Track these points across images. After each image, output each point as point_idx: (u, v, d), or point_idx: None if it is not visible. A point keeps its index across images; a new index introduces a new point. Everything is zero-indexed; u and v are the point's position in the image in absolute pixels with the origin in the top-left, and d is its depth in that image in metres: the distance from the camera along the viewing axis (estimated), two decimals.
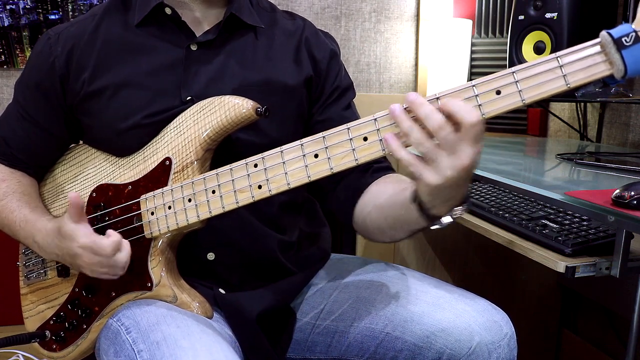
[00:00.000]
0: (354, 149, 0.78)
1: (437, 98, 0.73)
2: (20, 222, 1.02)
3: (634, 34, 0.65)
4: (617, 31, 0.66)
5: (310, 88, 1.08)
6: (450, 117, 0.71)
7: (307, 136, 0.82)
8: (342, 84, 1.12)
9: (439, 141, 0.71)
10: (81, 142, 1.11)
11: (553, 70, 0.69)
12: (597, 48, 0.68)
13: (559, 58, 0.69)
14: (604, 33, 0.67)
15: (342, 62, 1.15)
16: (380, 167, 1.05)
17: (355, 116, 1.11)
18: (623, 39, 0.65)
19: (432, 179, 0.73)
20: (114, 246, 0.90)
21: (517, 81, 0.71)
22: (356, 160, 0.78)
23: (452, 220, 0.82)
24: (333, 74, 1.11)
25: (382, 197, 0.97)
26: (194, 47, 1.02)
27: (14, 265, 1.17)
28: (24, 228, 1.02)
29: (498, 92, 0.71)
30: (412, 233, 0.91)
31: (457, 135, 0.70)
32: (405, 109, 0.73)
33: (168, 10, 1.01)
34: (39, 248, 1.00)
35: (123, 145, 1.01)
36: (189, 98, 0.99)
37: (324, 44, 1.11)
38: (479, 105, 0.72)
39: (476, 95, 0.72)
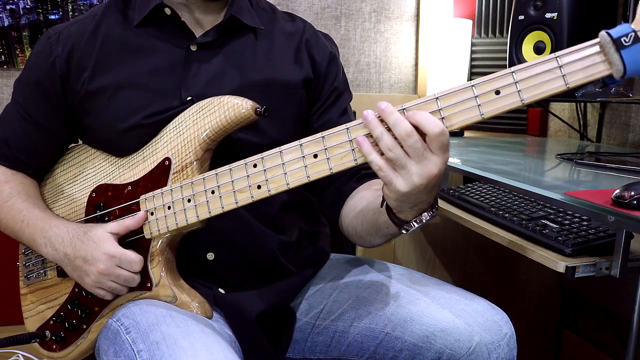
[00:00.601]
0: (353, 149, 0.78)
1: (404, 109, 0.75)
2: (29, 220, 1.02)
3: (633, 34, 0.65)
4: (616, 31, 0.66)
5: (310, 89, 1.09)
6: (417, 129, 0.73)
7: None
8: (339, 86, 1.13)
9: (407, 149, 0.73)
10: (80, 142, 1.11)
11: (552, 71, 0.69)
12: (597, 48, 0.68)
13: (558, 58, 0.69)
14: (603, 33, 0.67)
15: (341, 64, 1.15)
16: (368, 172, 1.07)
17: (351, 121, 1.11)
18: (622, 39, 0.65)
19: (401, 185, 0.75)
20: (142, 265, 0.93)
21: (516, 81, 0.71)
22: (355, 160, 0.78)
23: (421, 224, 0.84)
24: (332, 76, 1.11)
25: (361, 203, 1.00)
26: (193, 48, 1.02)
27: (13, 266, 1.17)
28: (32, 225, 1.02)
29: (497, 92, 0.72)
30: (387, 238, 0.94)
31: (424, 144, 0.73)
32: (377, 117, 0.75)
33: (167, 11, 1.01)
34: (45, 243, 0.99)
35: (123, 145, 1.01)
36: (189, 98, 0.99)
37: (324, 46, 1.12)
38: (478, 105, 0.72)
39: (476, 96, 0.72)
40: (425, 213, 0.83)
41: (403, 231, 0.86)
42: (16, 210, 1.04)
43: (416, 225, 0.84)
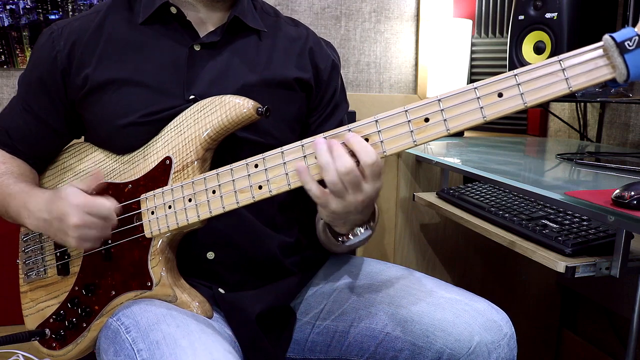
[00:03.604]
0: None
1: (349, 129, 0.79)
2: (16, 193, 1.01)
3: (637, 37, 0.65)
4: (620, 35, 0.66)
5: (310, 94, 1.09)
6: (353, 155, 0.77)
7: None
8: (338, 96, 1.15)
9: (345, 183, 0.78)
10: (83, 138, 1.11)
11: (555, 74, 0.69)
12: (600, 52, 0.68)
13: (561, 61, 0.69)
14: (606, 37, 0.66)
15: (341, 74, 1.17)
16: None
17: None
18: (626, 43, 0.65)
19: (333, 206, 0.81)
20: (112, 205, 0.93)
21: (519, 84, 0.71)
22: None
23: (357, 240, 0.92)
24: (333, 85, 1.13)
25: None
26: (197, 47, 1.02)
27: (13, 265, 1.17)
28: (18, 198, 1.01)
29: (500, 95, 0.71)
30: (342, 247, 0.98)
31: (360, 176, 0.78)
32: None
33: (173, 10, 1.01)
34: (28, 214, 0.98)
35: (124, 142, 1.01)
36: (192, 97, 0.99)
37: (327, 54, 1.13)
38: (481, 107, 0.72)
39: (478, 98, 0.72)
40: (361, 228, 0.90)
41: (339, 242, 0.93)
42: (5, 186, 1.04)
43: (352, 239, 0.91)
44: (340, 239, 0.94)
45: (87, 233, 0.92)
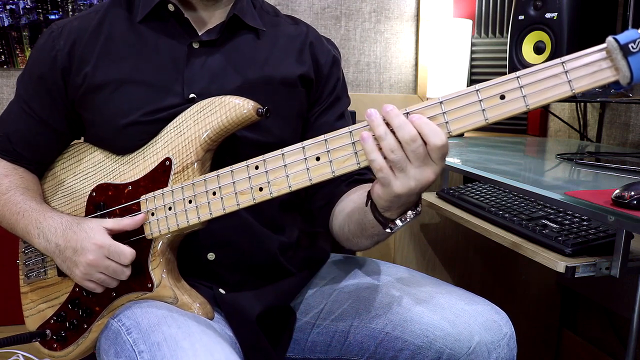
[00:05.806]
0: (356, 153, 0.78)
1: (407, 113, 0.75)
2: (25, 212, 1.02)
3: None
4: (623, 37, 0.65)
5: (310, 89, 1.09)
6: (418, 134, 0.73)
7: (305, 138, 0.82)
8: (339, 90, 1.14)
9: (408, 153, 0.73)
10: (82, 138, 1.11)
11: (558, 76, 0.69)
12: (603, 54, 0.67)
13: (564, 63, 0.68)
14: (610, 39, 0.66)
15: (342, 69, 1.16)
16: (360, 178, 1.08)
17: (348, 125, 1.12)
18: (630, 45, 0.64)
19: (397, 187, 0.75)
20: (132, 257, 0.92)
21: (521, 86, 0.70)
22: (358, 164, 0.78)
23: (405, 223, 0.84)
24: (333, 79, 1.12)
25: (349, 205, 1.00)
26: (196, 45, 1.02)
27: (13, 265, 1.17)
28: (27, 216, 1.01)
29: (502, 97, 0.71)
30: (374, 239, 0.93)
31: (426, 150, 0.73)
32: (382, 118, 0.75)
33: (171, 7, 1.01)
34: (39, 234, 0.99)
35: (123, 142, 1.01)
36: (192, 96, 0.99)
37: (327, 49, 1.13)
38: (483, 110, 0.72)
39: (480, 100, 0.72)
40: (410, 211, 0.83)
41: (388, 230, 0.85)
42: (13, 203, 1.04)
43: (401, 223, 0.83)
44: (390, 226, 0.84)
45: (96, 274, 0.93)
